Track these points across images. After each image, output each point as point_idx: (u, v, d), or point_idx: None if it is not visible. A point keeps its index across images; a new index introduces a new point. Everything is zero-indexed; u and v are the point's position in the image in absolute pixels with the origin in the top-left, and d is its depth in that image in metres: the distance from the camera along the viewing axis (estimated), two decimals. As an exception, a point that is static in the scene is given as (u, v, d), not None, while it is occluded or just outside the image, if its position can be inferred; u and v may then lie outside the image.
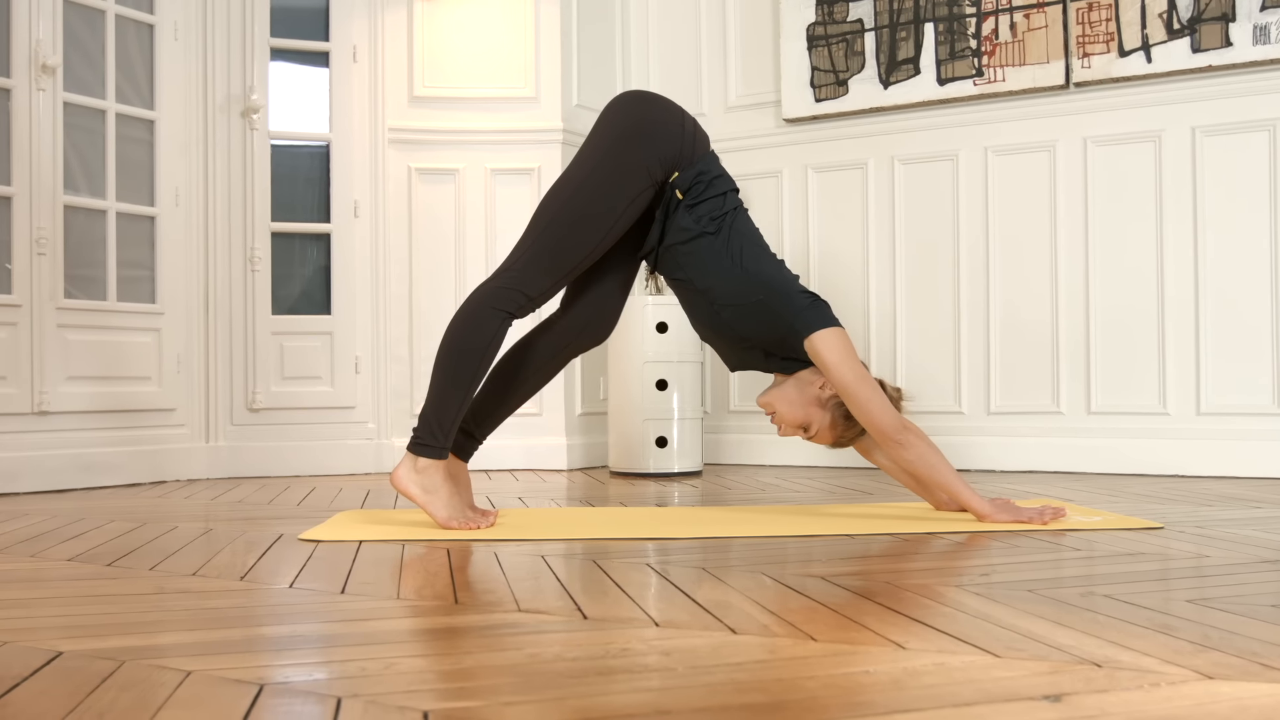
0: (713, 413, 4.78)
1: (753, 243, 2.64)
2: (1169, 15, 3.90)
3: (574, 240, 2.57)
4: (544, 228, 2.58)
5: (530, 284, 2.56)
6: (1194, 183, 3.92)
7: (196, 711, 1.15)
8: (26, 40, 3.70)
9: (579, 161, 2.63)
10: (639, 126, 2.61)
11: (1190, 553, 2.17)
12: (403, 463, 2.56)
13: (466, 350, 2.53)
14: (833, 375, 2.56)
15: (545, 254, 2.57)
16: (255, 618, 1.64)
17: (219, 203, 4.25)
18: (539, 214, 2.61)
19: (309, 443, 4.36)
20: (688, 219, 2.60)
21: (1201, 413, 3.90)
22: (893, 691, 1.20)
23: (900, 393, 2.78)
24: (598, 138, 2.64)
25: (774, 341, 2.63)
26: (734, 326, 2.64)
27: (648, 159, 2.58)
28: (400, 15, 4.51)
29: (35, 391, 3.70)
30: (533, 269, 2.57)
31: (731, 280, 2.59)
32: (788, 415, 2.69)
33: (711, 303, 2.63)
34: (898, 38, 4.35)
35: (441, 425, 2.53)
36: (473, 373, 2.53)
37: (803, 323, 2.57)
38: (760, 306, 2.59)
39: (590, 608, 1.68)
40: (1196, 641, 1.41)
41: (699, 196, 2.60)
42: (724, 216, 2.62)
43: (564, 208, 2.58)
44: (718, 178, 2.65)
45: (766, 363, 2.70)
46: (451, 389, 2.53)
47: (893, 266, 4.40)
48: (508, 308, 2.55)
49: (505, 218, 4.54)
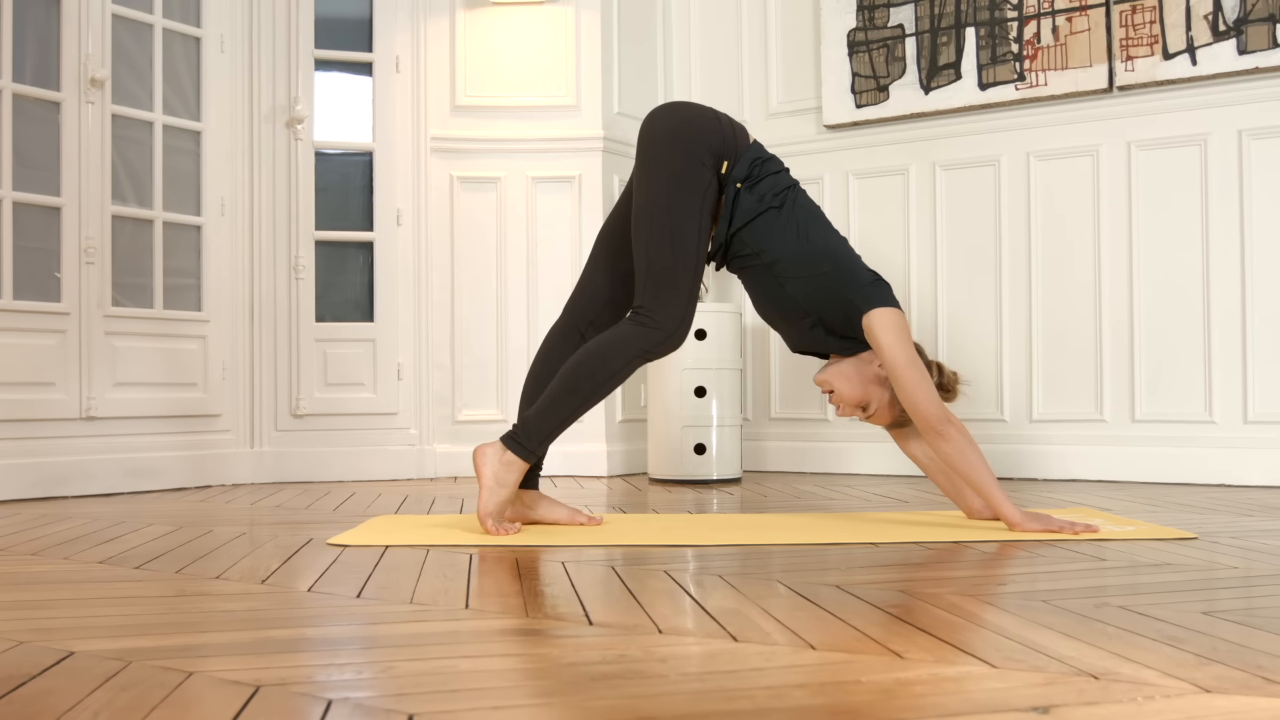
0: (754, 420, 4.77)
1: (816, 217, 2.68)
2: (1214, 17, 3.83)
3: (680, 255, 2.59)
4: (649, 261, 2.61)
5: (667, 317, 2.60)
6: (1240, 186, 3.85)
7: (188, 711, 1.17)
8: (76, 54, 3.79)
9: (641, 187, 2.66)
10: (679, 128, 2.66)
11: (1218, 564, 2.13)
12: (493, 445, 2.62)
13: (588, 374, 2.59)
14: (885, 354, 2.56)
15: (663, 282, 2.60)
16: (267, 621, 1.66)
17: (264, 212, 4.32)
18: (637, 252, 2.64)
19: (352, 448, 4.41)
20: (749, 200, 2.63)
21: (1249, 420, 3.82)
22: (880, 701, 1.20)
23: (958, 377, 2.77)
24: (645, 158, 2.68)
25: (837, 317, 2.64)
26: (798, 300, 2.65)
27: (699, 152, 2.62)
28: (443, 25, 4.56)
29: (83, 397, 3.78)
30: (660, 300, 2.60)
31: (797, 252, 2.62)
32: (846, 393, 2.69)
33: (776, 276, 2.64)
34: (939, 43, 4.32)
35: (540, 432, 2.60)
36: (586, 396, 2.60)
37: (864, 298, 2.59)
38: (825, 279, 2.61)
39: (598, 614, 1.68)
40: (1202, 654, 1.39)
41: (757, 177, 2.65)
42: (785, 191, 2.66)
43: (652, 232, 2.61)
44: (770, 159, 2.70)
45: (827, 342, 2.70)
46: (562, 403, 2.59)
47: (934, 272, 4.37)
48: (645, 344, 2.60)
49: (546, 225, 4.57)
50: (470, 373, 4.54)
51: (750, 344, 4.76)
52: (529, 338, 4.53)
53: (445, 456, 4.51)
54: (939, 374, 2.72)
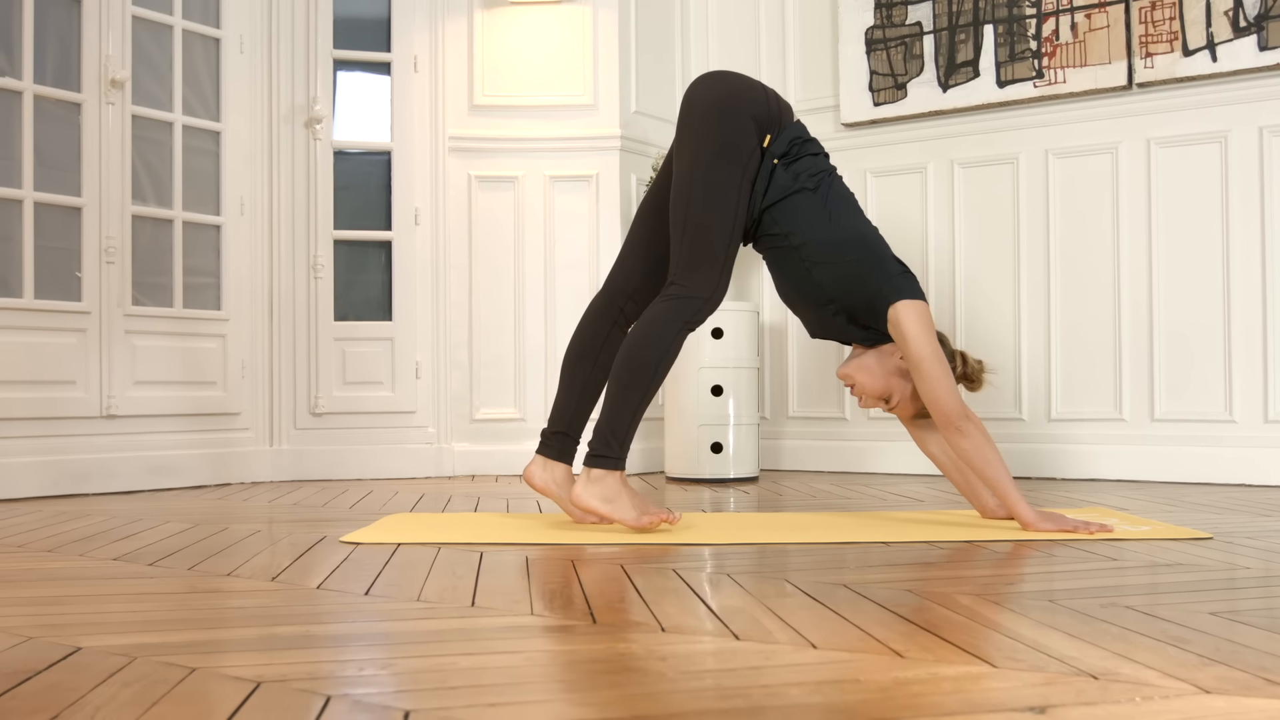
0: (771, 418, 4.76)
1: (849, 203, 2.66)
2: (1235, 13, 3.80)
3: (718, 223, 2.57)
4: (685, 228, 2.59)
5: (698, 286, 2.58)
6: (1261, 184, 3.81)
7: (187, 707, 1.18)
8: (96, 56, 3.82)
9: (681, 154, 2.64)
10: (724, 96, 2.63)
11: (1231, 564, 2.12)
12: (578, 481, 2.60)
13: (642, 363, 2.57)
14: (908, 346, 2.55)
15: (699, 251, 2.58)
16: (274, 617, 1.67)
17: (283, 211, 4.35)
18: (674, 219, 2.62)
19: (370, 446, 4.43)
20: (785, 177, 2.61)
21: (1269, 420, 3.79)
22: (876, 700, 1.20)
23: (983, 366, 2.76)
24: (688, 125, 2.65)
25: (861, 306, 2.62)
26: (823, 287, 2.63)
27: (744, 121, 2.59)
28: (460, 25, 4.57)
29: (104, 395, 3.82)
30: (695, 271, 2.59)
31: (827, 237, 2.60)
32: (869, 385, 2.69)
33: (804, 260, 2.62)
34: (956, 40, 4.30)
35: (617, 435, 2.57)
36: (646, 384, 2.58)
37: (891, 288, 2.57)
38: (853, 267, 2.60)
39: (602, 612, 1.69)
40: (1206, 655, 1.38)
41: (795, 156, 2.63)
42: (821, 175, 2.64)
43: (691, 199, 2.59)
44: (810, 141, 2.68)
45: (848, 331, 2.69)
46: (626, 399, 2.57)
47: (952, 271, 4.35)
48: (684, 316, 2.58)
49: (564, 224, 4.58)
50: (488, 371, 4.55)
51: (768, 342, 4.76)
52: (546, 336, 4.54)
53: (463, 455, 4.53)
54: (963, 363, 2.71)
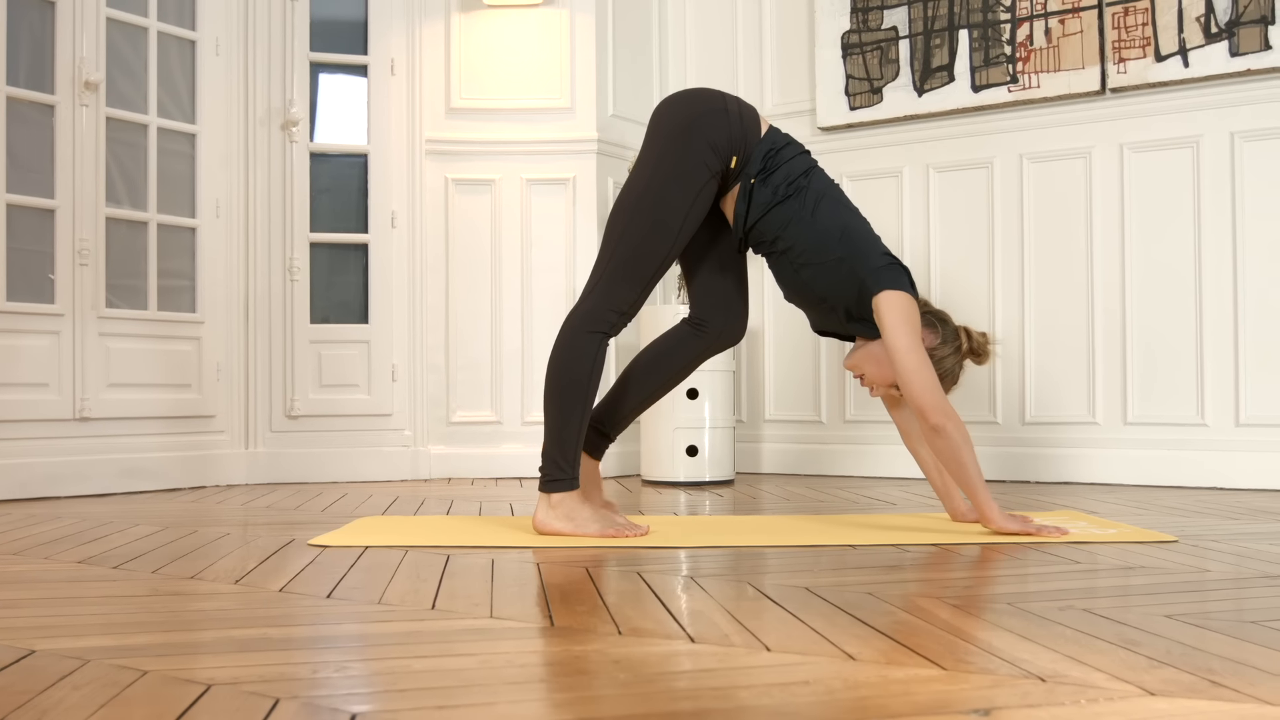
0: (748, 421, 4.77)
1: (831, 198, 2.66)
2: (1206, 19, 3.83)
3: (649, 247, 2.59)
4: (617, 242, 2.61)
5: (617, 299, 2.60)
6: (1233, 189, 3.84)
7: (135, 710, 1.18)
8: (70, 58, 3.81)
9: (638, 172, 2.66)
10: (686, 122, 2.63)
11: (1193, 567, 2.13)
12: (539, 506, 2.60)
13: (571, 380, 2.57)
14: (888, 336, 2.57)
15: (624, 267, 2.60)
16: (233, 620, 1.67)
17: (259, 214, 4.34)
18: (610, 230, 2.63)
19: (346, 449, 4.42)
20: (764, 193, 2.63)
21: (1241, 424, 3.81)
22: (823, 702, 1.20)
23: (987, 338, 2.78)
24: (650, 145, 2.66)
25: (852, 299, 2.64)
26: (814, 286, 2.65)
27: (702, 151, 2.60)
28: (438, 28, 4.57)
29: (76, 398, 3.80)
30: (616, 284, 2.60)
31: (810, 239, 2.61)
32: (876, 375, 2.72)
33: (793, 262, 2.65)
34: (932, 45, 4.32)
35: (565, 456, 2.58)
36: (582, 399, 2.58)
37: (875, 280, 2.59)
38: (838, 264, 2.61)
39: (562, 616, 1.69)
40: (1156, 658, 1.39)
41: (770, 169, 2.63)
42: (798, 179, 2.64)
43: (632, 219, 2.60)
44: (785, 147, 2.67)
45: (846, 325, 2.72)
46: (566, 419, 2.57)
47: (928, 274, 4.36)
48: (601, 328, 2.59)
49: (541, 227, 4.58)
50: (464, 374, 4.55)
51: (745, 346, 4.76)
52: (523, 339, 4.54)
53: (439, 458, 4.52)
54: (967, 338, 2.74)
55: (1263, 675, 1.30)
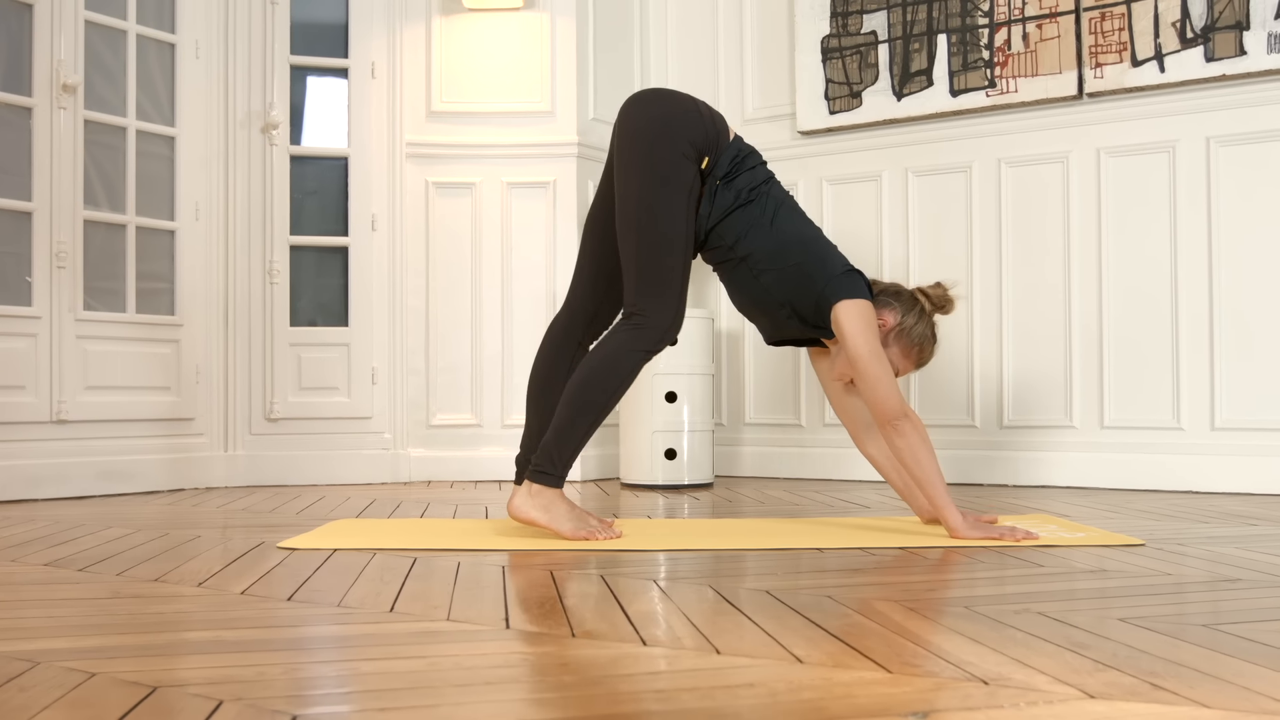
0: (728, 425, 4.78)
1: (789, 208, 2.70)
2: (1182, 24, 3.84)
3: (669, 251, 2.59)
4: (638, 258, 2.60)
5: (660, 314, 2.59)
6: (1209, 193, 3.85)
7: (76, 712, 1.18)
8: (48, 60, 3.81)
9: (626, 179, 2.63)
10: (661, 122, 2.63)
11: (1155, 570, 2.14)
12: (517, 493, 2.61)
13: (601, 392, 2.58)
14: (848, 346, 2.60)
15: (655, 279, 2.59)
16: (189, 623, 1.68)
17: (239, 216, 4.34)
18: (625, 248, 2.62)
19: (326, 452, 4.42)
20: (726, 196, 2.65)
21: (1216, 428, 3.83)
22: (765, 705, 1.21)
23: (944, 286, 2.80)
24: (628, 150, 2.64)
25: (809, 307, 2.66)
26: (772, 292, 2.67)
27: (682, 147, 2.60)
28: (418, 32, 4.58)
29: (54, 401, 3.80)
30: (654, 299, 2.59)
31: (769, 245, 2.64)
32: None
33: (751, 269, 2.67)
34: (911, 49, 4.33)
35: (562, 456, 2.58)
36: (600, 411, 2.59)
37: (832, 289, 2.62)
38: (797, 270, 2.64)
39: (518, 619, 1.70)
40: (1101, 661, 1.40)
41: (735, 174, 2.66)
42: (760, 185, 2.68)
43: (642, 228, 2.59)
44: (749, 154, 2.71)
45: (803, 331, 2.73)
46: (577, 423, 2.58)
47: (907, 278, 4.37)
48: (644, 345, 2.60)
49: (521, 231, 4.58)
50: (445, 377, 4.55)
51: (725, 349, 4.77)
52: (504, 343, 4.55)
53: (419, 461, 4.53)
54: (926, 299, 2.76)
55: (1203, 678, 1.31)
